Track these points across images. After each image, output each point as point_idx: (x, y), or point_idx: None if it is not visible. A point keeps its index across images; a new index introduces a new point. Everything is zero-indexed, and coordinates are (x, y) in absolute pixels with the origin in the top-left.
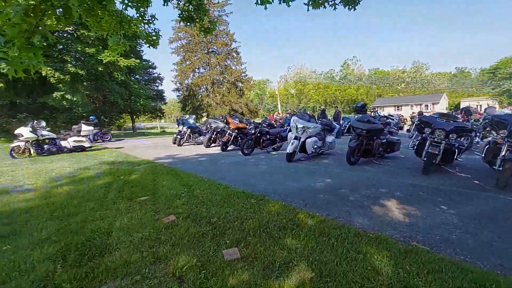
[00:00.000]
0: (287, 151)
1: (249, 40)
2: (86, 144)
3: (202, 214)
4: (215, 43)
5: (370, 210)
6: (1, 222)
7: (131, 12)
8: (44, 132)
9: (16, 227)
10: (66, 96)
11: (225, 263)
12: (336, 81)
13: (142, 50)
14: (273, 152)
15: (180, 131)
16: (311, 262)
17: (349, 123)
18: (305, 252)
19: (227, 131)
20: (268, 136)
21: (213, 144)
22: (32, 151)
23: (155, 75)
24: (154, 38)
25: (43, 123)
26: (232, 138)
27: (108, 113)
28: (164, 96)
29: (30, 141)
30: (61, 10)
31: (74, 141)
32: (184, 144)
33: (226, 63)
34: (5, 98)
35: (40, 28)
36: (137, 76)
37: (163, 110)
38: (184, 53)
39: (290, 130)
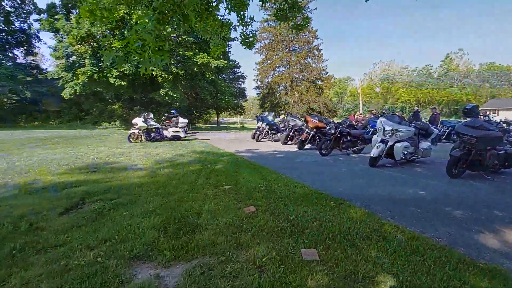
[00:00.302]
0: (371, 154)
1: (333, 36)
2: (182, 135)
3: (280, 209)
4: (296, 41)
5: (479, 235)
6: (123, 193)
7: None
8: (152, 122)
9: (132, 198)
10: (169, 93)
11: (303, 263)
12: (433, 78)
13: (230, 52)
14: (353, 155)
15: (259, 127)
16: (401, 281)
17: (449, 128)
18: (393, 269)
19: (305, 130)
20: (349, 138)
21: (289, 142)
22: (143, 137)
23: (239, 74)
24: (251, 39)
25: (151, 115)
26: (310, 137)
27: (198, 108)
28: (245, 93)
29: (142, 129)
30: (181, 17)
31: (173, 131)
32: (261, 139)
33: (307, 61)
34: (126, 94)
35: (164, 33)
36: (223, 76)
37: (244, 106)
38: (266, 52)
39: (374, 133)
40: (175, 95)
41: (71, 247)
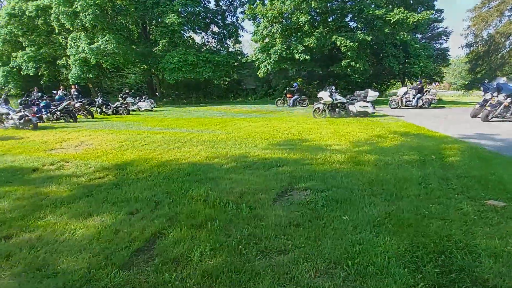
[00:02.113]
0: None
1: None
2: (370, 110)
3: None
4: None
5: None
6: (330, 183)
7: None
8: (338, 97)
9: (343, 193)
10: (351, 64)
11: None
12: None
13: None
14: None
15: (487, 101)
16: None
17: None
18: None
19: None
20: None
21: None
22: (327, 112)
23: (440, 29)
24: None
25: (333, 88)
26: None
27: (380, 79)
28: (448, 56)
29: (327, 104)
30: None
31: (360, 106)
32: (492, 119)
33: None
34: (308, 68)
35: None
36: (417, 35)
37: (443, 73)
38: None
39: None
40: (357, 65)
41: (294, 258)
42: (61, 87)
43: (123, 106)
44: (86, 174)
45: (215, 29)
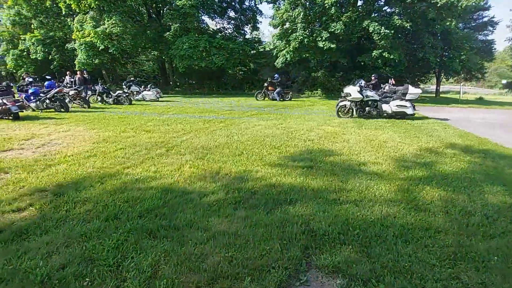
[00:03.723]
0: None
1: None
2: (409, 111)
3: None
4: None
5: None
6: (377, 252)
7: None
8: (369, 93)
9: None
10: (384, 54)
11: None
12: None
13: None
14: None
15: None
16: None
17: None
18: None
19: None
20: None
21: None
22: (354, 111)
23: (486, 19)
24: None
25: (362, 82)
26: None
27: (411, 72)
28: (493, 49)
29: (355, 101)
30: None
31: (397, 105)
32: None
33: None
34: (333, 58)
35: None
36: (459, 24)
37: (485, 69)
38: None
39: None
40: (392, 56)
41: None
42: (68, 72)
43: (125, 95)
44: (3, 201)
45: (232, 13)
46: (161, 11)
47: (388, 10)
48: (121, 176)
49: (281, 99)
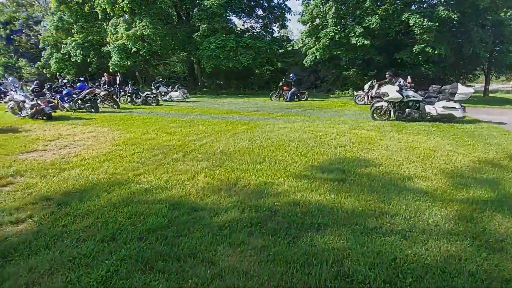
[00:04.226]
0: None
1: None
2: (458, 114)
3: None
4: None
5: None
6: None
7: None
8: (410, 93)
9: None
10: (426, 49)
11: None
12: None
13: None
14: None
15: None
16: None
17: None
18: None
19: None
20: None
21: None
22: (392, 113)
23: None
24: None
25: (401, 81)
26: None
27: (456, 69)
28: None
29: (393, 102)
30: None
31: (443, 107)
32: None
33: None
34: (366, 55)
35: None
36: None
37: None
38: None
39: None
40: (436, 51)
41: None
42: (105, 74)
43: (152, 96)
44: (5, 210)
45: (260, 12)
46: (191, 13)
47: (430, 1)
48: (130, 184)
49: (296, 100)
